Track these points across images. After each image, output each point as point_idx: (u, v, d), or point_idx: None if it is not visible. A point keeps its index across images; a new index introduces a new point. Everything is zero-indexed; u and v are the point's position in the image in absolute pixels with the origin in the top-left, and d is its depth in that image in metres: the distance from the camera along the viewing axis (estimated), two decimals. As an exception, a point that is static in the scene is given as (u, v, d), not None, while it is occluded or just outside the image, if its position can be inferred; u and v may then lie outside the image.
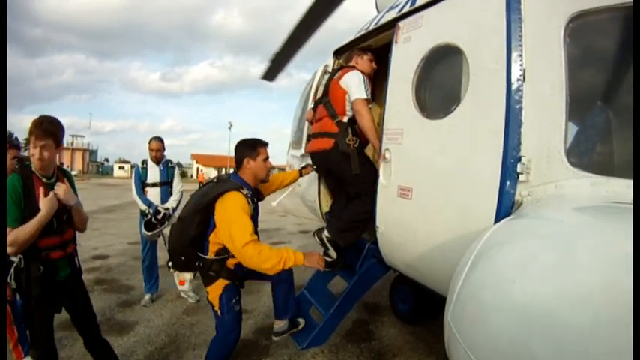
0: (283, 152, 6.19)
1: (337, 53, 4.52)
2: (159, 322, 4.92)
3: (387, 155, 3.14)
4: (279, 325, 3.59)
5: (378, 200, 3.26)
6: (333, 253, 3.69)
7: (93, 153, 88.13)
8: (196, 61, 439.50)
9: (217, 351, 3.30)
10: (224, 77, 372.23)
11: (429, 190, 2.79)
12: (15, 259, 2.70)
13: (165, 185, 5.63)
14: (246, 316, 5.02)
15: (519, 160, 2.28)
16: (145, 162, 5.71)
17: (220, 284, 3.16)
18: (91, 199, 21.18)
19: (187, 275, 3.33)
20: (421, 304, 4.83)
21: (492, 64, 2.41)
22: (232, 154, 3.38)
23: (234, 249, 2.86)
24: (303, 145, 4.64)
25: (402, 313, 5.06)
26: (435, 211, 2.72)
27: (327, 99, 3.74)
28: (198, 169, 66.17)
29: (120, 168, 77.72)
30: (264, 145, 3.33)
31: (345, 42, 4.36)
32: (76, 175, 67.38)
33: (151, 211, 5.38)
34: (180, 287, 5.66)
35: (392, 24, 3.38)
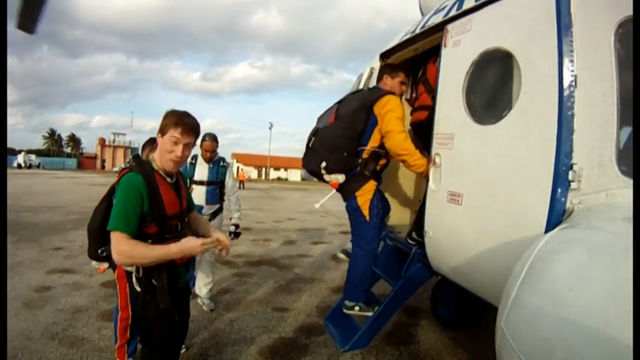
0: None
1: (383, 56, 4.53)
2: (199, 316, 4.98)
3: (437, 160, 3.13)
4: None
5: (427, 205, 3.25)
6: None
7: (134, 150, 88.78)
8: (236, 61, 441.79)
9: (364, 261, 3.56)
10: (264, 77, 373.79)
11: (480, 196, 2.77)
12: (129, 268, 2.52)
13: (213, 185, 5.22)
14: (286, 315, 5.13)
15: (571, 167, 2.26)
16: (195, 157, 5.26)
17: (372, 186, 3.49)
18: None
19: (340, 177, 3.41)
20: (462, 310, 4.78)
21: (544, 70, 2.39)
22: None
23: (387, 131, 3.32)
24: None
25: (442, 317, 5.02)
26: (485, 217, 2.71)
27: (424, 77, 4.08)
28: (238, 167, 67.15)
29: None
30: (405, 72, 3.90)
31: (390, 45, 4.37)
32: (117, 171, 68.83)
33: None
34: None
35: (440, 27, 3.38)
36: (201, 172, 5.20)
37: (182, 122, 2.35)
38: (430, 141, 3.26)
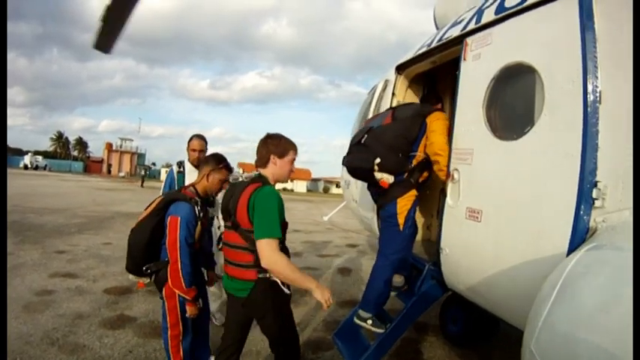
0: (332, 164, 6.11)
1: (399, 68, 4.48)
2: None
3: (456, 175, 3.06)
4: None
5: (444, 221, 3.18)
6: None
7: (141, 156, 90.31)
8: (245, 70, 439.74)
9: (386, 272, 3.53)
10: (273, 87, 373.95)
11: (501, 213, 2.69)
12: (264, 274, 2.64)
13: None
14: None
15: (595, 185, 2.19)
16: (181, 164, 4.62)
17: (413, 195, 3.47)
18: (137, 200, 21.54)
19: (390, 178, 3.36)
20: (472, 327, 4.68)
21: (568, 85, 2.34)
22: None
23: (432, 130, 3.37)
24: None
25: (451, 334, 4.90)
26: (505, 235, 2.62)
27: None
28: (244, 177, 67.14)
29: (166, 168, 78.30)
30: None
31: (406, 57, 4.33)
32: (123, 177, 69.64)
33: None
34: None
35: (458, 40, 3.33)
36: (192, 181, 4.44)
37: (295, 144, 2.90)
38: (450, 154, 3.20)
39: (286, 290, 2.71)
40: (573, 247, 2.18)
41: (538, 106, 2.51)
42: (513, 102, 2.90)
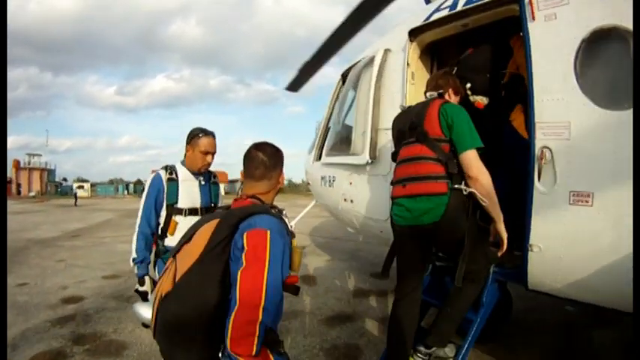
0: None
1: (412, 33, 3.76)
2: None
3: (548, 155, 2.57)
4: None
5: (534, 212, 2.66)
6: None
7: (51, 172, 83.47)
8: (153, 73, 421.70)
9: None
10: (182, 90, 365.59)
11: (619, 192, 2.28)
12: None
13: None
14: None
15: None
16: (172, 169, 3.09)
17: (520, 109, 3.51)
18: (52, 222, 19.11)
19: (485, 99, 3.43)
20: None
21: None
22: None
23: (520, 61, 3.31)
24: (367, 148, 3.89)
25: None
26: (630, 216, 2.19)
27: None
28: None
29: (79, 187, 69.25)
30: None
31: (425, 20, 3.69)
32: (34, 196, 62.80)
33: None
34: None
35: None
36: (191, 193, 3.09)
37: None
38: (531, 131, 2.71)
39: (484, 201, 2.46)
40: None
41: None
42: (617, 69, 2.48)
